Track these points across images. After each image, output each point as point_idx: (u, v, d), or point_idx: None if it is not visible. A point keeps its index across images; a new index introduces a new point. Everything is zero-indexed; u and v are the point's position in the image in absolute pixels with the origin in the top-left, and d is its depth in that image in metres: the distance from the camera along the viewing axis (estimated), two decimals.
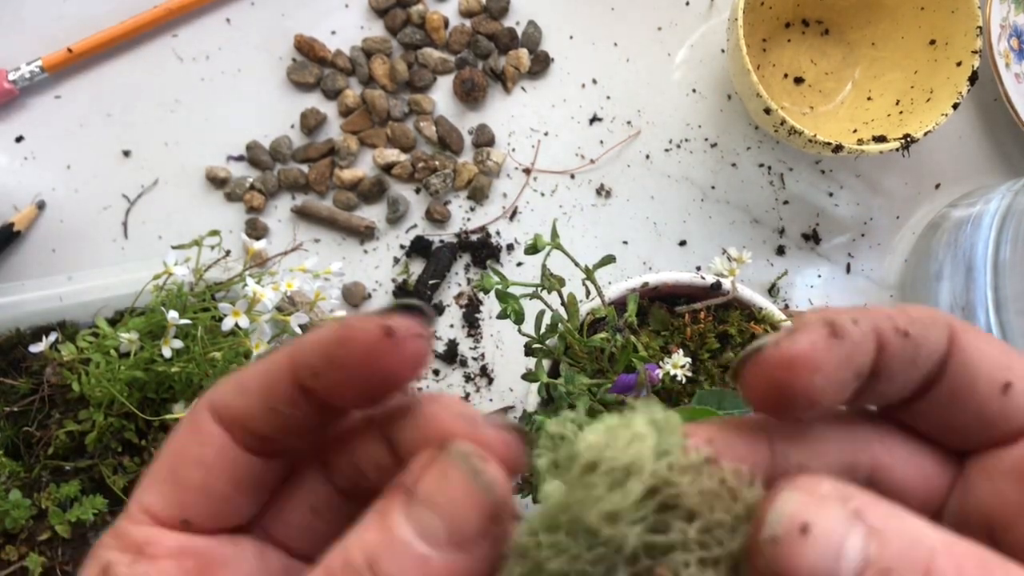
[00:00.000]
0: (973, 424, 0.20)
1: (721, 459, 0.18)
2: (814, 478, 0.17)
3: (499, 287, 0.37)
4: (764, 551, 0.16)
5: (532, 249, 0.36)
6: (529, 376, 0.40)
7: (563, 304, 0.39)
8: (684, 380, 0.43)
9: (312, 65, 0.61)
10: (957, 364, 0.20)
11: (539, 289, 0.38)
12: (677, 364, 0.42)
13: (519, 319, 0.37)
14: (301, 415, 0.20)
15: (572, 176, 0.61)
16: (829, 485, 0.17)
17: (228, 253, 0.54)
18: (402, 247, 0.60)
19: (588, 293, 0.46)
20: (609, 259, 0.39)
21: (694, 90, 0.62)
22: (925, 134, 0.54)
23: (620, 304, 0.45)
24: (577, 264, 0.38)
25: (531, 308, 0.40)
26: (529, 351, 0.41)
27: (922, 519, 0.17)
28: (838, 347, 0.19)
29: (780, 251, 0.61)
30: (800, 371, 0.18)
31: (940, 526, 0.17)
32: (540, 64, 0.61)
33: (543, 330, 0.40)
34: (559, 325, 0.40)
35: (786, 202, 0.61)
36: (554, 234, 0.37)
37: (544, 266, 0.38)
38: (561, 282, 0.38)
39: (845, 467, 0.20)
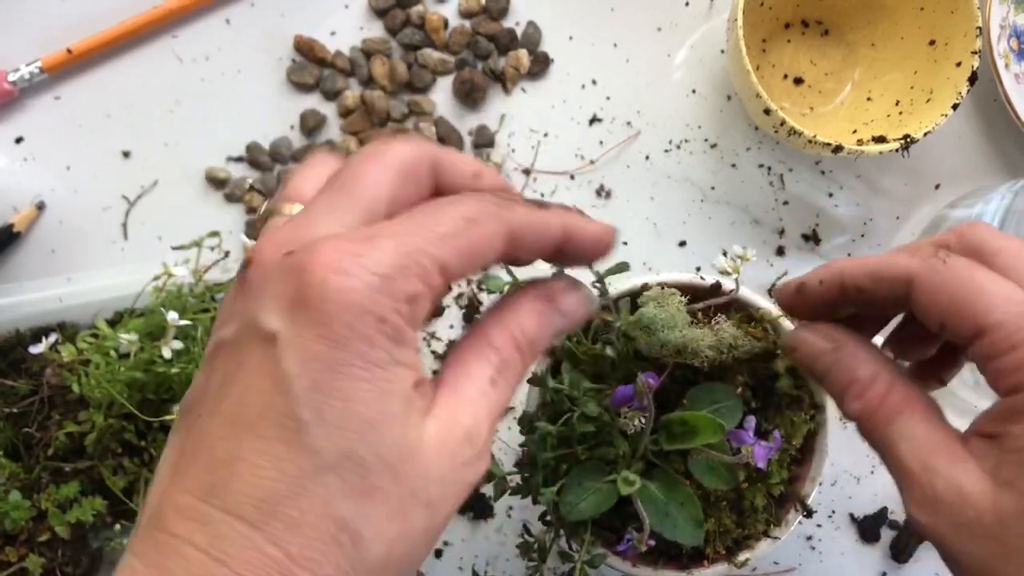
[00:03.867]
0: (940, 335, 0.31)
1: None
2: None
3: (509, 285, 0.37)
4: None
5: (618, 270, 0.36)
6: (534, 381, 0.40)
7: None
8: (683, 380, 0.43)
9: (312, 66, 0.61)
10: (914, 303, 0.29)
11: None
12: None
13: None
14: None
15: (572, 177, 0.61)
16: None
17: (228, 254, 0.54)
18: None
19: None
20: (623, 267, 0.39)
21: (694, 91, 0.62)
22: (925, 135, 0.54)
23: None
24: (589, 266, 0.38)
25: None
26: None
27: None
28: (801, 297, 0.34)
29: (780, 251, 0.61)
30: (785, 308, 0.36)
31: None
32: (540, 65, 0.61)
33: None
34: None
35: (786, 203, 0.61)
36: None
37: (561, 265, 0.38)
38: None
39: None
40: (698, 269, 0.61)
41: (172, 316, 0.45)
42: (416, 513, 0.24)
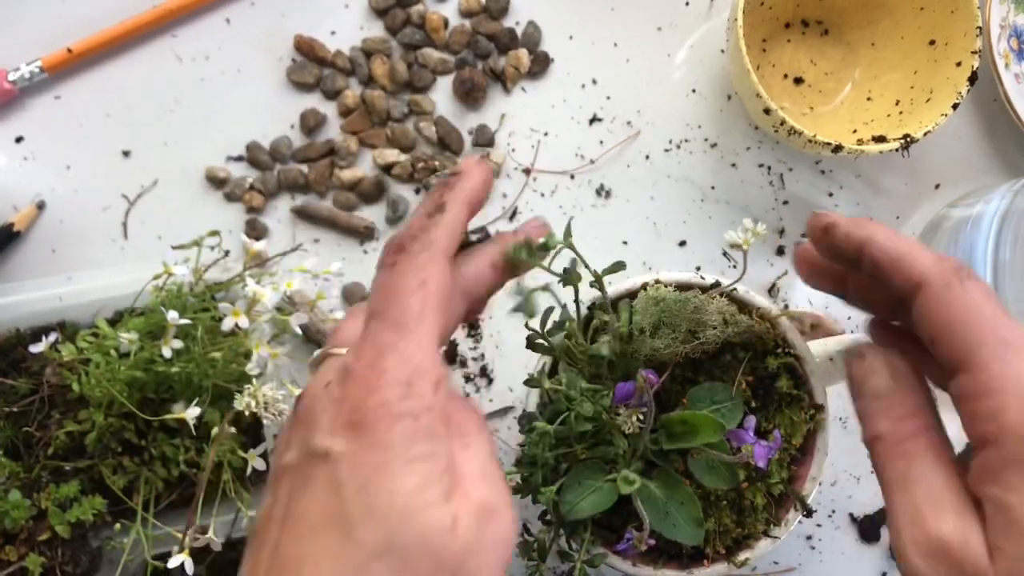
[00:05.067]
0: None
1: None
2: None
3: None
4: None
5: (543, 248, 0.36)
6: (531, 382, 0.40)
7: (576, 301, 0.39)
8: (683, 380, 0.43)
9: (312, 65, 0.61)
10: (915, 308, 0.29)
11: (558, 281, 0.38)
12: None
13: (532, 314, 0.37)
14: None
15: (572, 176, 0.61)
16: None
17: (228, 253, 0.54)
18: None
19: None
20: (619, 266, 0.39)
21: (694, 90, 0.62)
22: (925, 134, 0.54)
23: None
24: (587, 265, 0.38)
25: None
26: (531, 345, 0.41)
27: None
28: (826, 238, 0.33)
29: (780, 251, 0.61)
30: (809, 238, 0.34)
31: None
32: (540, 64, 0.61)
33: (549, 326, 0.40)
34: (566, 324, 0.40)
35: (786, 202, 0.61)
36: (567, 233, 0.36)
37: (574, 259, 0.38)
38: (579, 278, 0.38)
39: None
40: (698, 268, 0.61)
41: (172, 315, 0.44)
42: None
